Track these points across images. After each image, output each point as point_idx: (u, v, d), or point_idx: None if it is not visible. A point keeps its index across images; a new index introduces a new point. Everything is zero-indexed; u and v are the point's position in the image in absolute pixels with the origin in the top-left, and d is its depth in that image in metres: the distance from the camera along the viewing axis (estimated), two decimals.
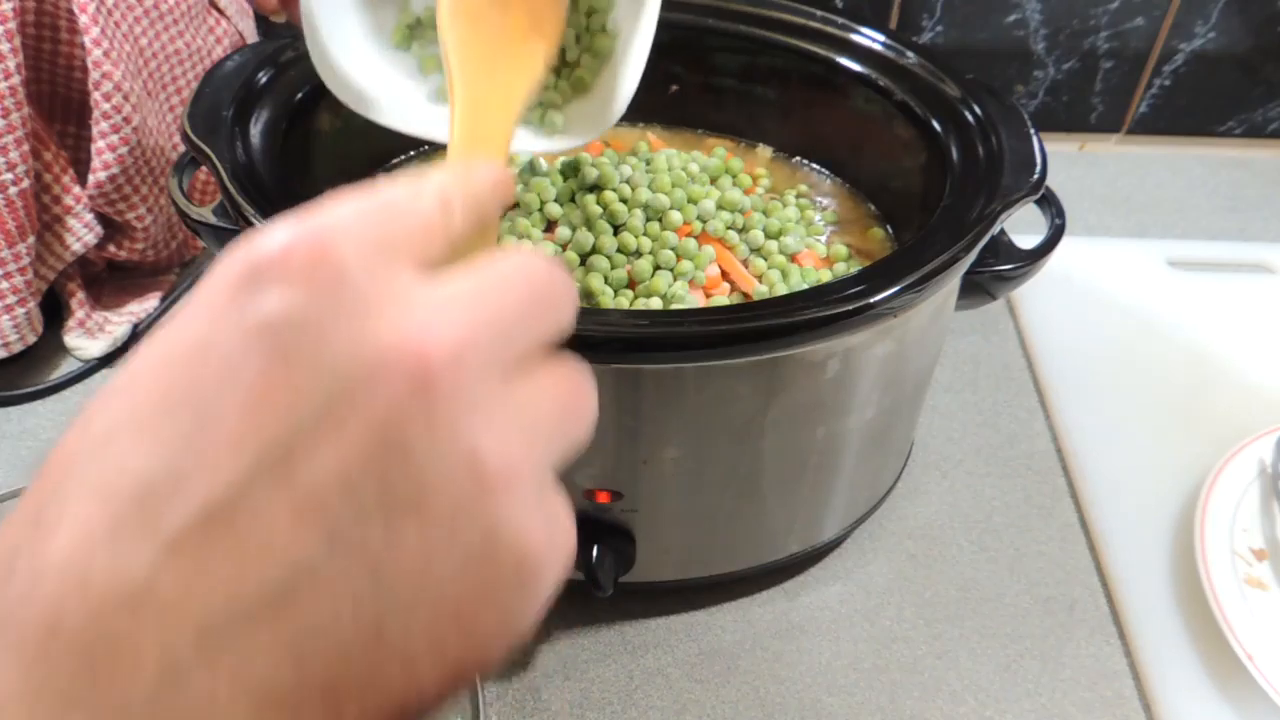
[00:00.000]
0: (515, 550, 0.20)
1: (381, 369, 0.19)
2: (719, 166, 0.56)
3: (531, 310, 0.22)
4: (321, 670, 0.19)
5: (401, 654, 0.19)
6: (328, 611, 0.18)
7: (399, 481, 0.19)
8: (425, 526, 0.19)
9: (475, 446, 0.20)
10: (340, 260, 0.20)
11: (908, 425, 0.53)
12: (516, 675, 0.48)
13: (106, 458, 0.19)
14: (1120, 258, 0.73)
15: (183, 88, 0.65)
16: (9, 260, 0.57)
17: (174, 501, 0.18)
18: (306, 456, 0.18)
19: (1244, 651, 0.46)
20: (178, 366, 0.19)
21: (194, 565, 0.18)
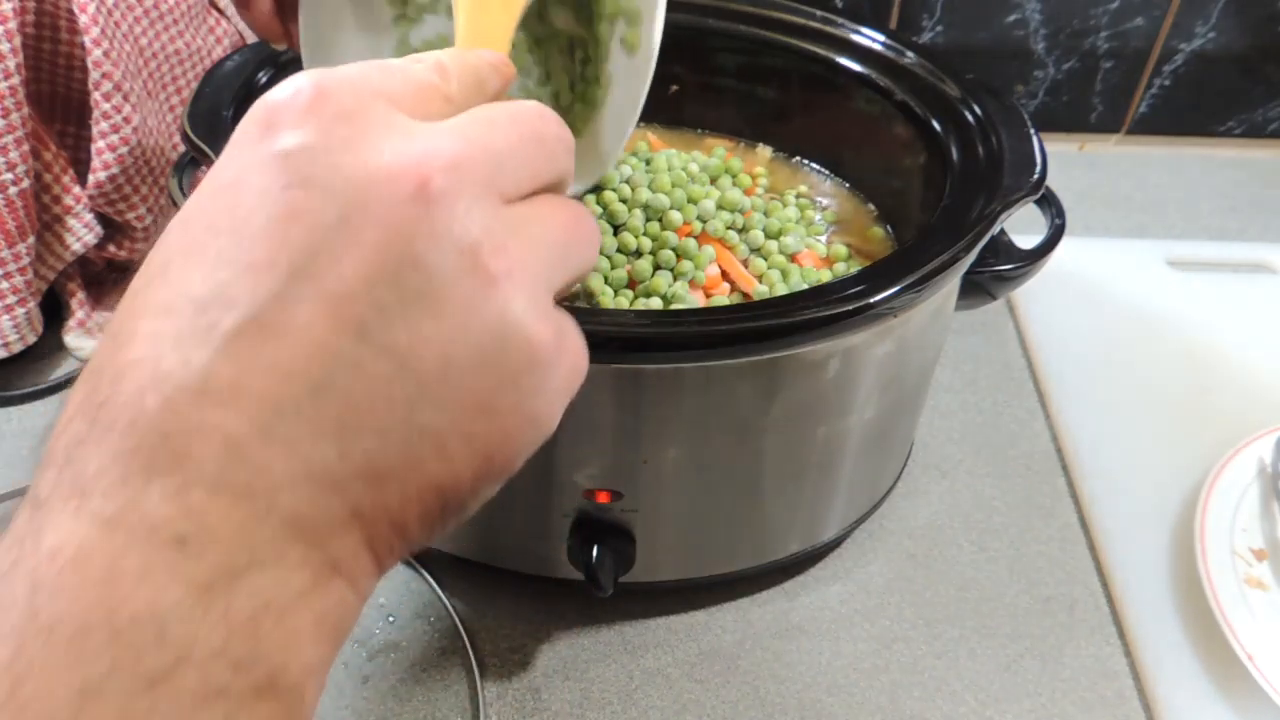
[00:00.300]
0: (525, 343, 0.23)
1: (386, 183, 0.22)
2: (719, 166, 0.56)
3: (525, 147, 0.25)
4: (362, 453, 0.21)
5: (433, 436, 0.22)
6: (364, 398, 0.21)
7: (410, 280, 0.22)
8: (440, 319, 0.22)
9: (476, 246, 0.22)
10: (342, 99, 0.23)
11: (908, 425, 0.53)
12: (516, 675, 0.48)
13: (165, 283, 0.22)
14: (1120, 258, 0.73)
15: (183, 88, 0.65)
16: (9, 260, 0.57)
17: (225, 311, 0.21)
18: (331, 263, 0.21)
19: (1244, 651, 0.46)
20: (216, 202, 0.22)
21: (247, 362, 0.21)
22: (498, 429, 0.23)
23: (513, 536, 0.49)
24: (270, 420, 0.21)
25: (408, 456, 0.22)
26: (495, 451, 0.24)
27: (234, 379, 0.21)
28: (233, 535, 0.20)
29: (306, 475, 0.21)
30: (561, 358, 0.24)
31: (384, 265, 0.22)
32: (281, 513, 0.21)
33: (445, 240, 0.22)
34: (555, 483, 0.44)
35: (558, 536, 0.46)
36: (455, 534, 0.50)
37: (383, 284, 0.22)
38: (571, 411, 0.29)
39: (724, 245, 0.51)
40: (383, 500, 0.22)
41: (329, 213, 0.22)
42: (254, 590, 0.20)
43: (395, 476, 0.22)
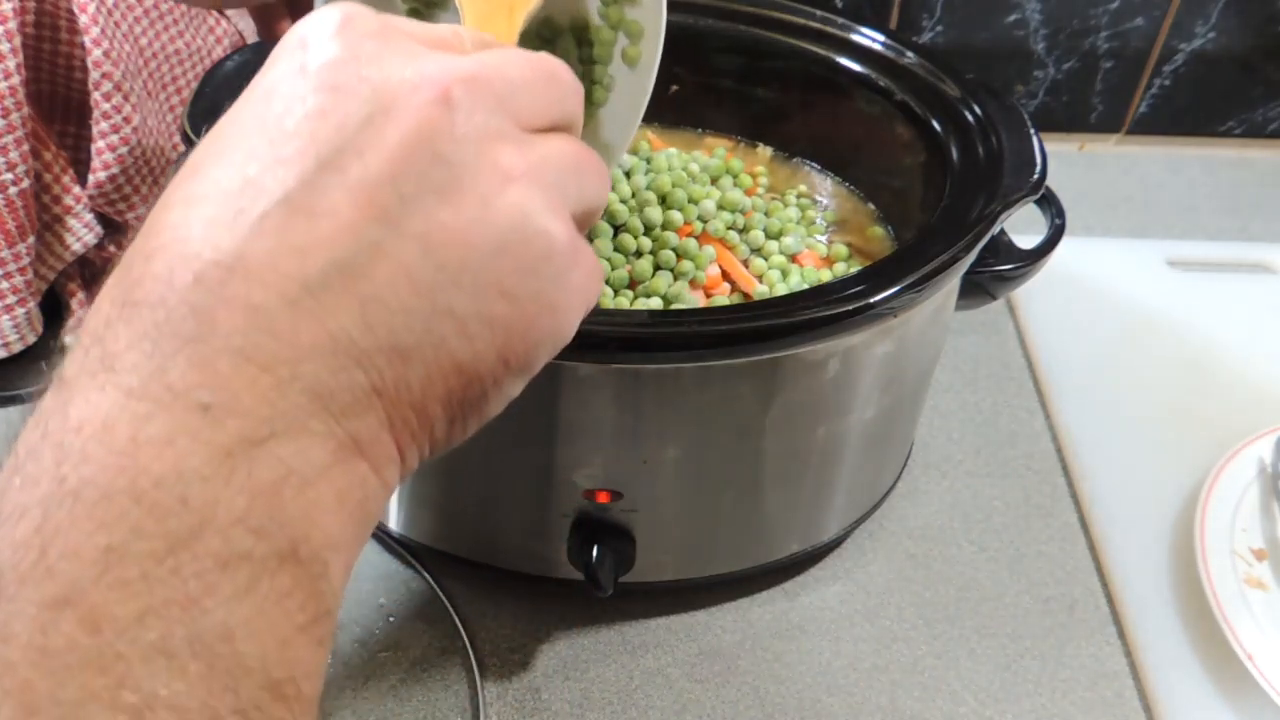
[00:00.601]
0: (542, 237, 0.25)
1: (410, 90, 0.24)
2: (719, 166, 0.56)
3: (539, 81, 0.26)
4: (386, 328, 0.22)
5: (454, 316, 0.23)
6: (387, 278, 0.22)
7: (432, 173, 0.23)
8: (460, 209, 0.23)
9: (495, 148, 0.24)
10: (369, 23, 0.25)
11: (908, 425, 0.53)
12: (516, 675, 0.48)
13: (195, 179, 0.23)
14: (1120, 258, 0.73)
15: (183, 88, 0.65)
16: (9, 260, 0.57)
17: (255, 198, 0.22)
18: (358, 158, 0.23)
19: (1244, 651, 0.46)
20: (248, 110, 0.24)
21: (277, 241, 0.22)
22: (517, 313, 0.24)
23: (513, 536, 0.49)
24: (297, 294, 0.22)
25: (430, 334, 0.23)
26: (515, 335, 0.25)
27: (262, 257, 0.22)
28: (256, 403, 0.21)
29: (331, 347, 0.22)
30: (578, 260, 0.26)
31: (407, 159, 0.23)
32: (304, 382, 0.21)
33: (465, 140, 0.24)
34: (555, 483, 0.44)
35: (558, 536, 0.46)
36: (456, 533, 0.50)
37: (406, 176, 0.23)
38: (571, 411, 0.30)
39: (724, 245, 0.51)
40: (405, 377, 0.23)
41: (356, 113, 0.23)
42: (276, 459, 0.21)
43: (417, 353, 0.23)
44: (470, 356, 0.24)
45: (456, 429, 0.25)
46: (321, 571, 0.22)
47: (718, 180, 0.55)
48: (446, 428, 0.25)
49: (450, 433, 0.25)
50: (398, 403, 0.23)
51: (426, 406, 0.24)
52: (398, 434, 0.23)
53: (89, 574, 0.19)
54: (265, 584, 0.20)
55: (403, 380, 0.23)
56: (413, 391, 0.23)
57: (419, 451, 0.25)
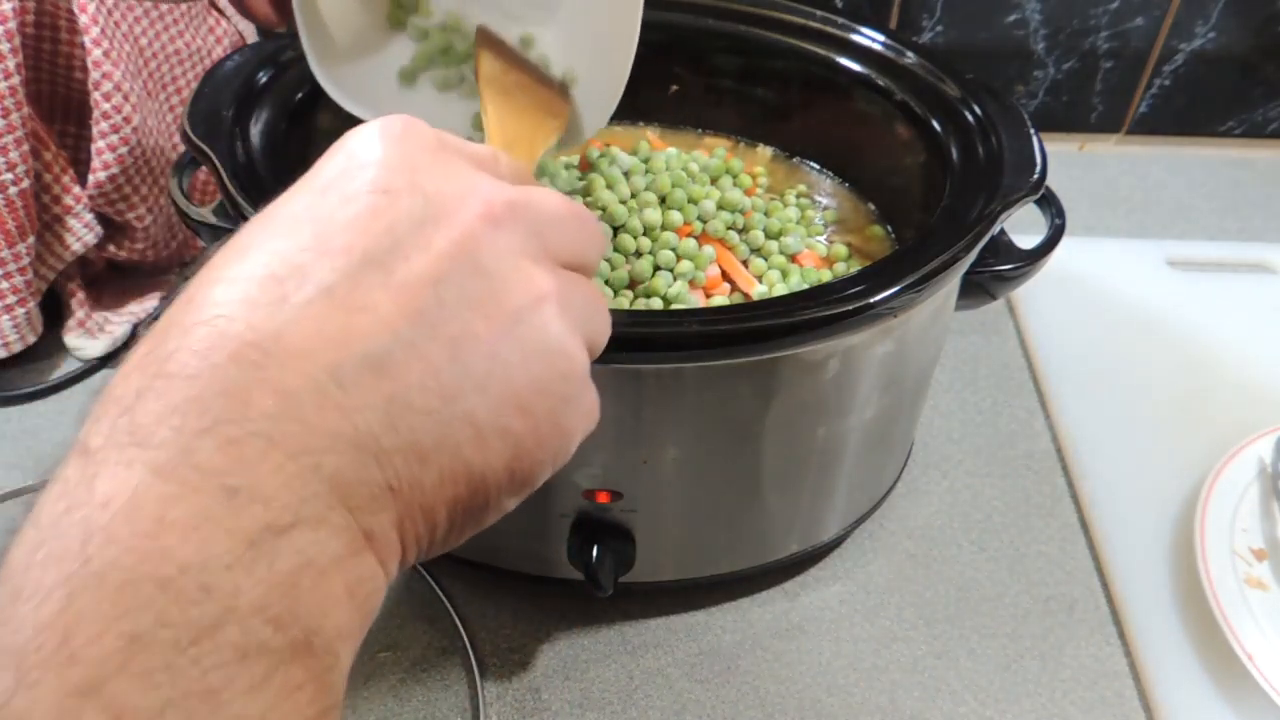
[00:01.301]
0: (565, 358, 0.26)
1: (460, 202, 0.25)
2: (719, 166, 0.56)
3: (569, 219, 0.28)
4: (408, 428, 0.23)
5: (473, 424, 0.24)
6: (416, 378, 0.23)
7: (472, 283, 0.24)
8: (493, 319, 0.24)
9: (530, 268, 0.26)
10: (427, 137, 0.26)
11: (908, 425, 0.53)
12: (516, 675, 0.48)
13: (244, 260, 0.23)
14: (1120, 258, 0.73)
15: (183, 88, 0.65)
16: (9, 260, 0.57)
17: (299, 285, 0.23)
18: (404, 259, 0.24)
19: (1244, 651, 0.46)
20: (302, 199, 0.25)
21: (315, 327, 0.22)
22: (530, 428, 0.25)
23: (513, 536, 0.49)
24: (327, 384, 0.22)
25: (448, 439, 0.23)
26: (525, 451, 0.25)
27: (299, 342, 0.22)
28: (280, 490, 0.21)
29: (354, 441, 0.22)
30: (587, 387, 0.27)
31: (450, 267, 0.24)
32: (327, 472, 0.22)
33: (506, 255, 0.25)
34: (555, 483, 0.44)
35: (558, 536, 0.46)
36: None
37: (447, 282, 0.24)
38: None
39: (724, 245, 0.51)
40: (420, 478, 0.23)
41: (408, 217, 0.24)
42: (296, 548, 0.21)
43: (435, 457, 0.23)
44: (482, 466, 0.24)
45: (454, 535, 0.26)
46: (332, 664, 0.22)
47: (717, 180, 0.55)
48: (446, 532, 0.25)
49: (448, 537, 0.26)
50: (410, 503, 0.23)
51: (435, 509, 0.24)
52: (404, 532, 0.24)
53: (112, 662, 0.19)
54: (280, 676, 0.20)
55: (417, 481, 0.23)
56: (425, 494, 0.24)
57: (418, 551, 0.25)
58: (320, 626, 0.21)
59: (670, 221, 0.50)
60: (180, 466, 0.20)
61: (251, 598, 0.20)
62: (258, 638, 0.20)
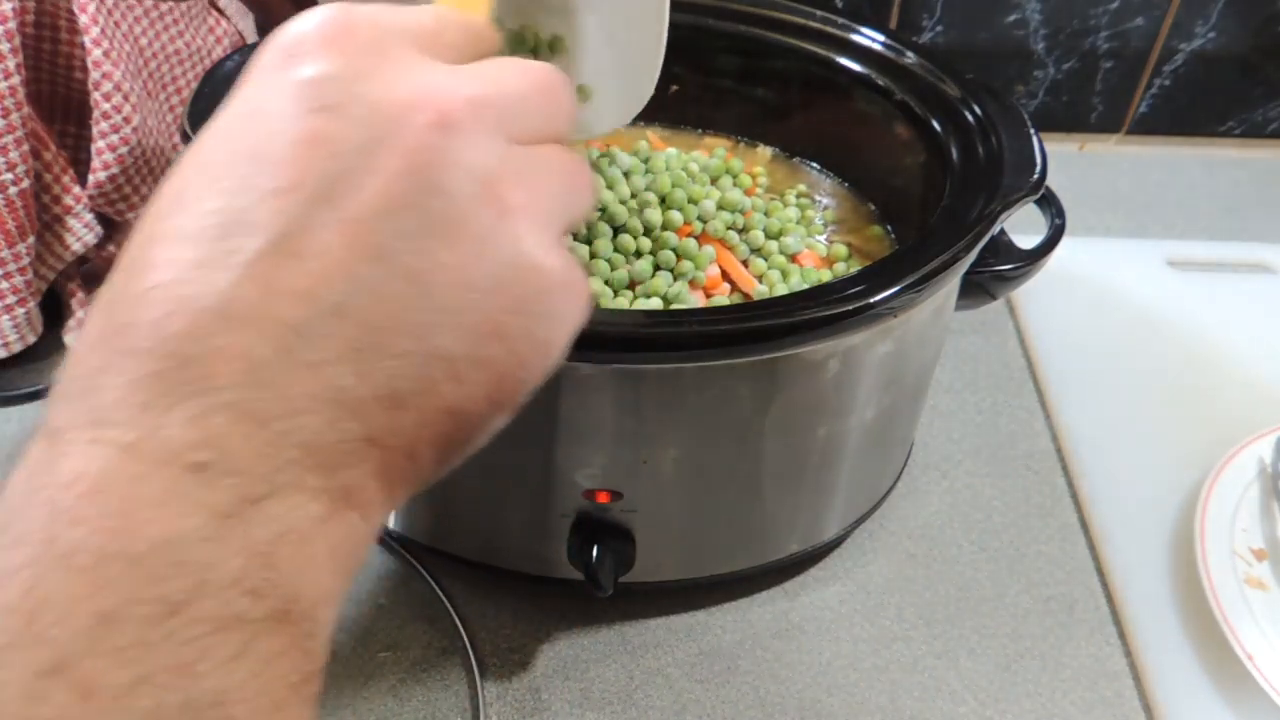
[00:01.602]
0: (537, 273, 0.24)
1: (409, 112, 0.23)
2: (719, 166, 0.56)
3: (536, 96, 0.26)
4: (380, 375, 0.22)
5: (447, 358, 0.22)
6: (382, 321, 0.22)
7: (431, 206, 0.22)
8: (457, 244, 0.22)
9: (493, 177, 0.23)
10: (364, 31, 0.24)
11: (908, 425, 0.53)
12: (516, 675, 0.48)
13: (183, 211, 0.22)
14: (1120, 258, 0.73)
15: (183, 88, 0.65)
16: (9, 260, 0.57)
17: (248, 236, 0.21)
18: (352, 189, 0.22)
19: (1244, 651, 0.46)
20: (235, 130, 0.23)
21: (269, 285, 0.21)
22: (509, 353, 0.24)
23: (513, 536, 0.49)
24: (292, 342, 0.21)
25: (423, 379, 0.22)
26: (507, 376, 0.24)
27: (257, 302, 0.21)
28: (252, 460, 0.20)
29: (327, 398, 0.21)
30: (569, 287, 0.25)
31: (405, 192, 0.22)
32: (300, 435, 0.21)
33: (464, 170, 0.23)
34: (555, 483, 0.44)
35: (558, 536, 0.46)
36: (456, 533, 0.50)
37: (403, 210, 0.22)
38: (571, 411, 0.29)
39: (724, 245, 0.51)
40: (399, 424, 0.22)
41: (352, 139, 0.22)
42: (272, 517, 0.20)
43: (411, 399, 0.22)
44: (463, 400, 0.23)
45: (443, 465, 0.25)
46: (312, 629, 0.21)
47: (717, 180, 0.55)
48: (434, 466, 0.24)
49: (438, 469, 0.25)
50: (390, 449, 0.22)
51: (418, 449, 0.23)
52: (389, 477, 0.23)
53: (82, 641, 0.18)
54: (260, 646, 0.20)
55: (397, 427, 0.22)
56: (406, 436, 0.23)
57: (407, 490, 0.24)
58: (300, 593, 0.21)
59: (670, 221, 0.50)
60: (146, 444, 0.20)
61: (227, 570, 0.20)
62: (234, 609, 0.20)
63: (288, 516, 0.21)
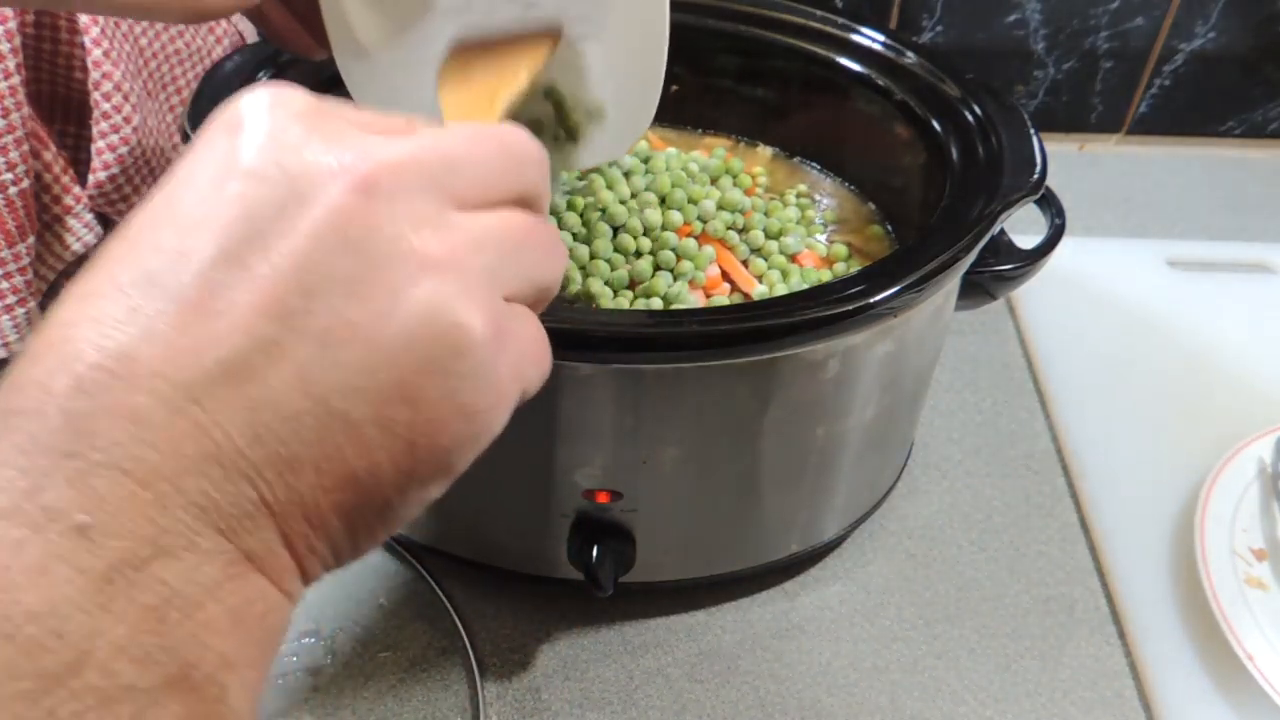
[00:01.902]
0: (455, 331, 0.22)
1: (329, 176, 0.22)
2: (719, 166, 0.56)
3: (486, 157, 0.25)
4: (276, 439, 0.21)
5: (348, 420, 0.22)
6: (280, 381, 0.21)
7: (340, 263, 0.22)
8: (367, 301, 0.22)
9: (411, 235, 0.22)
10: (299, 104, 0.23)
11: (908, 425, 0.53)
12: (516, 675, 0.48)
13: (95, 273, 0.22)
14: (1120, 258, 0.73)
15: (183, 88, 0.65)
16: (9, 260, 0.57)
17: (149, 295, 0.21)
18: (263, 250, 0.21)
19: (1244, 651, 0.46)
20: (162, 199, 0.23)
21: (167, 340, 0.20)
22: (422, 418, 0.22)
23: (513, 536, 0.49)
24: (181, 402, 0.20)
25: (322, 444, 0.21)
26: (419, 444, 0.23)
27: (149, 360, 0.20)
28: (136, 522, 0.20)
29: (216, 458, 0.20)
30: (501, 352, 0.24)
31: (315, 251, 0.22)
32: (188, 497, 0.20)
33: (381, 229, 0.22)
34: (555, 483, 0.44)
35: (558, 536, 0.46)
36: (456, 533, 0.50)
37: (312, 269, 0.21)
38: (571, 411, 0.29)
39: (724, 245, 0.51)
40: (296, 490, 0.21)
41: (269, 202, 0.22)
42: (158, 580, 0.20)
43: (308, 464, 0.21)
44: (366, 466, 0.22)
45: (361, 538, 0.24)
46: (218, 694, 0.20)
47: (717, 180, 0.55)
48: (348, 537, 0.23)
49: (354, 542, 0.23)
50: (289, 517, 0.22)
51: (323, 517, 0.22)
52: (294, 546, 0.22)
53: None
54: (152, 716, 0.19)
55: (294, 493, 0.21)
56: (305, 504, 0.22)
57: (321, 562, 0.23)
58: (199, 659, 0.20)
59: (670, 221, 0.50)
60: (26, 507, 0.19)
61: (111, 638, 0.19)
62: (121, 680, 0.19)
63: (175, 580, 0.20)
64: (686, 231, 0.51)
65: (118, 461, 0.20)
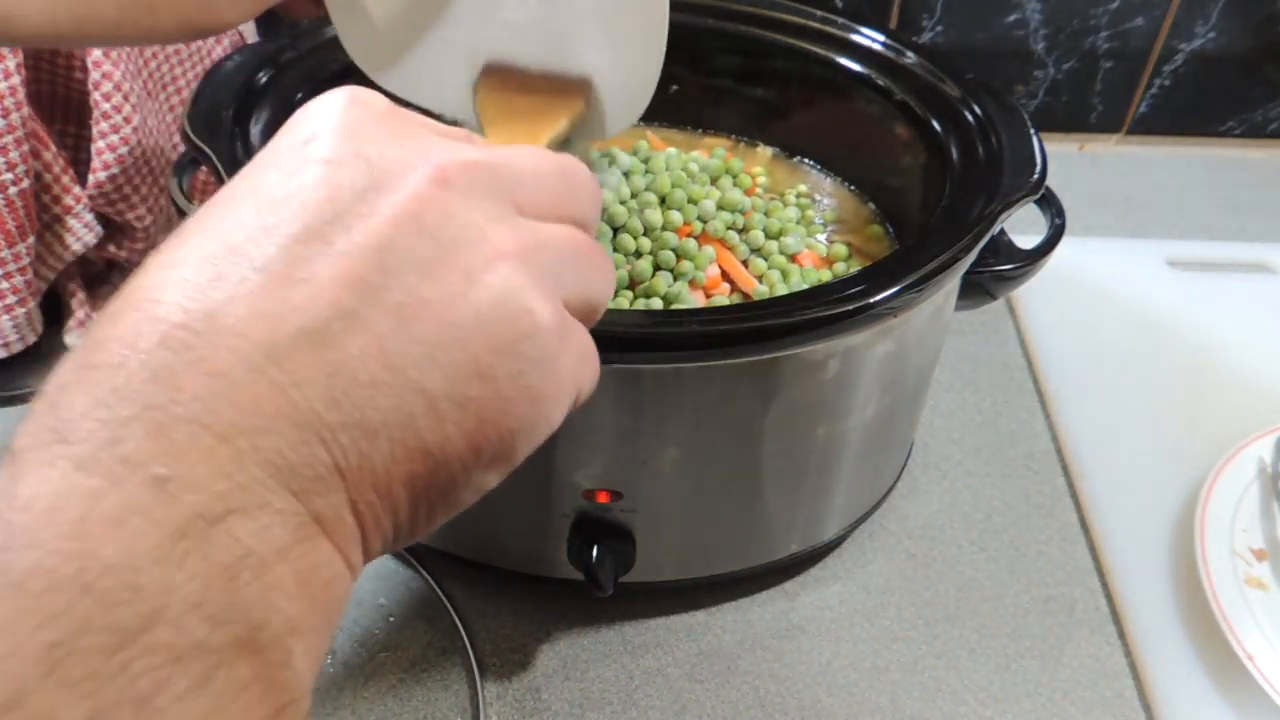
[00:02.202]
0: (527, 316, 0.24)
1: (407, 168, 0.24)
2: (719, 166, 0.56)
3: (549, 176, 0.26)
4: (353, 405, 0.22)
5: (425, 393, 0.22)
6: (359, 350, 0.22)
7: (419, 247, 0.23)
8: (442, 281, 0.23)
9: (488, 227, 0.24)
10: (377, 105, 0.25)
11: (908, 425, 0.53)
12: (516, 675, 0.48)
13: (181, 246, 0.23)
14: (1120, 258, 0.73)
15: (182, 88, 0.65)
16: (9, 260, 0.57)
17: (234, 264, 0.22)
18: (345, 229, 0.23)
19: (1244, 651, 0.46)
20: (244, 181, 0.24)
21: (250, 304, 0.21)
22: (492, 395, 0.23)
23: (513, 536, 0.49)
24: (262, 362, 0.21)
25: (398, 412, 0.22)
26: (488, 421, 0.24)
27: (232, 322, 0.21)
28: (213, 477, 0.20)
29: (294, 419, 0.21)
30: (565, 347, 0.25)
31: (394, 234, 0.23)
32: (264, 455, 0.20)
33: (456, 217, 0.24)
34: (555, 483, 0.44)
35: (558, 536, 0.46)
36: (456, 533, 0.50)
37: (391, 250, 0.23)
38: (572, 411, 0.29)
39: (724, 245, 0.51)
40: (368, 457, 0.22)
41: (351, 187, 0.23)
42: (233, 538, 0.20)
43: (384, 431, 0.22)
44: (438, 439, 0.23)
45: (421, 517, 0.24)
46: (283, 660, 0.20)
47: (717, 180, 0.55)
48: (411, 515, 0.24)
49: (414, 521, 0.24)
50: (359, 484, 0.22)
51: (391, 489, 0.23)
52: (360, 515, 0.22)
53: (34, 674, 0.17)
54: (222, 676, 0.19)
55: (366, 460, 0.22)
56: (376, 473, 0.22)
57: (381, 537, 0.23)
58: (266, 620, 0.20)
59: (670, 221, 0.50)
60: (105, 459, 0.19)
61: (185, 594, 0.19)
62: (193, 636, 0.19)
63: (249, 538, 0.20)
64: (686, 231, 0.51)
65: (198, 415, 0.20)
